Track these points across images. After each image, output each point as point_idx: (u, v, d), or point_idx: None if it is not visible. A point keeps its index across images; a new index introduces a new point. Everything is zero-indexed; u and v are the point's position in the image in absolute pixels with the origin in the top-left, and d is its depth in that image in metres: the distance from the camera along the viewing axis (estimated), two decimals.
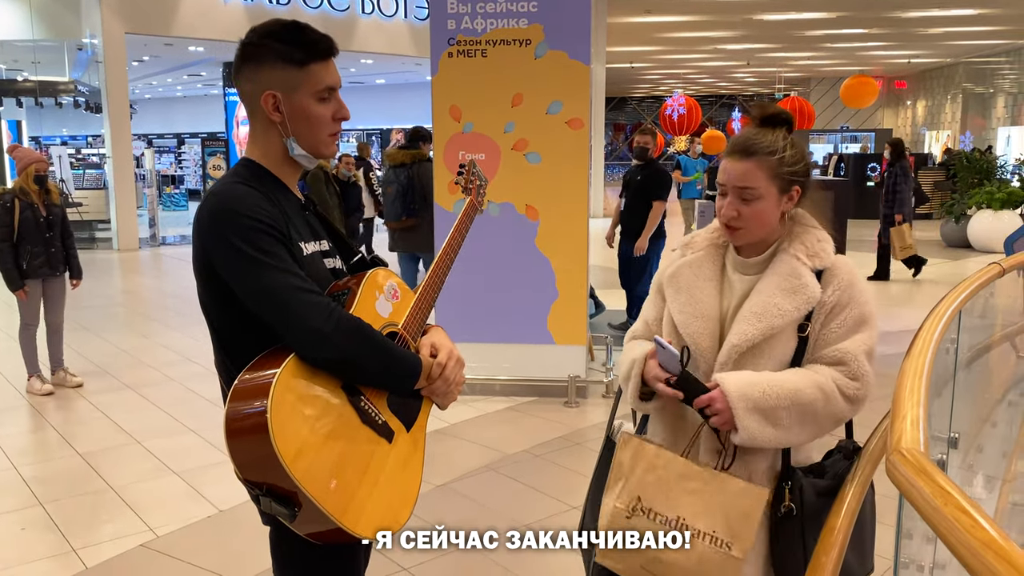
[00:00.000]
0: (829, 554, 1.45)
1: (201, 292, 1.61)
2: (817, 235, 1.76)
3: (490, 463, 4.31)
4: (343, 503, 1.44)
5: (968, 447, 2.71)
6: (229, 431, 1.41)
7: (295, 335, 1.47)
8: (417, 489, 1.63)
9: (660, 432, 1.86)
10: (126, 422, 5.01)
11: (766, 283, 1.72)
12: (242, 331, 1.54)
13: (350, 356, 1.49)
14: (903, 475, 1.00)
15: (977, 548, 0.80)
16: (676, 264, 1.87)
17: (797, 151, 1.73)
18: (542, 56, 5.12)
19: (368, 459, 1.51)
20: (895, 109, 29.70)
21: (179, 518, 3.67)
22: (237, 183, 1.56)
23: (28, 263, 5.44)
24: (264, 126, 1.61)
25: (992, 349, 3.10)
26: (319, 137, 1.61)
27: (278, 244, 1.51)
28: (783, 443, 1.65)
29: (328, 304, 1.50)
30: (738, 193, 1.71)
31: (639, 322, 1.98)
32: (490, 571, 3.21)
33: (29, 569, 3.26)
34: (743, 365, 1.69)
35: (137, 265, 12.50)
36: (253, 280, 1.48)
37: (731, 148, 1.74)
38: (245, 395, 1.42)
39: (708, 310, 1.77)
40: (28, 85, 15.65)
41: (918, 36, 19.81)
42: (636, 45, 20.94)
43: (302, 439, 1.40)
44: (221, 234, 1.49)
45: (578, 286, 5.27)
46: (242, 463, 1.42)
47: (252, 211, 1.50)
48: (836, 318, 1.69)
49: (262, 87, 1.57)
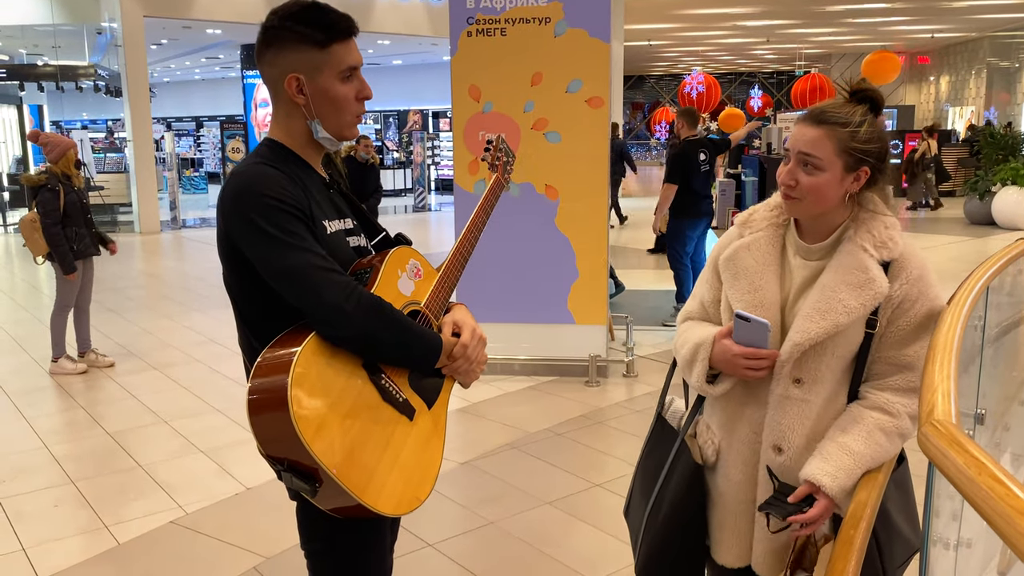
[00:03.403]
0: (857, 527, 1.45)
1: (225, 272, 1.62)
2: (885, 222, 1.66)
3: (512, 441, 4.34)
4: (363, 480, 1.45)
5: (995, 425, 2.69)
6: (251, 407, 1.43)
7: (315, 313, 1.48)
8: (438, 466, 1.64)
9: (717, 416, 1.80)
10: (153, 402, 5.09)
11: (831, 276, 1.63)
12: (265, 310, 1.56)
13: (369, 334, 1.50)
14: (936, 446, 1.00)
15: (1012, 516, 0.81)
16: (734, 246, 1.77)
17: (875, 131, 1.64)
18: (562, 34, 5.09)
19: (389, 436, 1.52)
20: (918, 85, 29.26)
21: (207, 496, 3.74)
22: (260, 163, 1.57)
23: (78, 244, 5.57)
24: (287, 108, 1.61)
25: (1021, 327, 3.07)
26: (343, 118, 1.62)
27: (300, 224, 1.52)
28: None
29: (348, 282, 1.51)
30: (801, 159, 1.62)
31: (693, 302, 1.90)
32: (514, 547, 3.25)
33: (63, 544, 3.33)
34: (805, 361, 1.64)
35: (159, 248, 12.61)
36: (275, 259, 1.49)
37: (805, 114, 1.66)
38: (267, 372, 1.44)
39: (769, 297, 1.70)
40: (49, 70, 15.76)
41: (941, 10, 19.46)
42: (654, 22, 20.72)
43: (322, 416, 1.41)
44: (244, 214, 1.50)
45: (598, 266, 5.27)
46: (264, 439, 1.44)
47: (274, 191, 1.51)
48: (904, 315, 1.63)
49: (285, 70, 1.57)
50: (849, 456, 1.59)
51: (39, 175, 5.57)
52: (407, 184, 19.52)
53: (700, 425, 1.84)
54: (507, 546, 3.26)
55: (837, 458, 1.59)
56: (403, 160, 20.79)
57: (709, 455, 1.78)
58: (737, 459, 1.75)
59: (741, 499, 1.75)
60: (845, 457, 1.59)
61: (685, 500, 1.77)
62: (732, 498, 1.76)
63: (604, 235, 5.27)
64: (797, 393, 1.66)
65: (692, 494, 1.77)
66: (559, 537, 3.33)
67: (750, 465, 1.73)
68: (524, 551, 3.22)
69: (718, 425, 1.79)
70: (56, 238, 5.44)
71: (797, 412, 1.66)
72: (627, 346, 5.64)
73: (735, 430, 1.75)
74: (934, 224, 13.60)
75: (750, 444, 1.73)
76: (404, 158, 20.86)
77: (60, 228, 5.45)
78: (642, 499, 1.86)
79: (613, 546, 3.21)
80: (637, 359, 5.64)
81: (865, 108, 1.65)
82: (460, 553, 3.20)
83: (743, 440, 1.74)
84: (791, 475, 1.67)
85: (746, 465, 1.74)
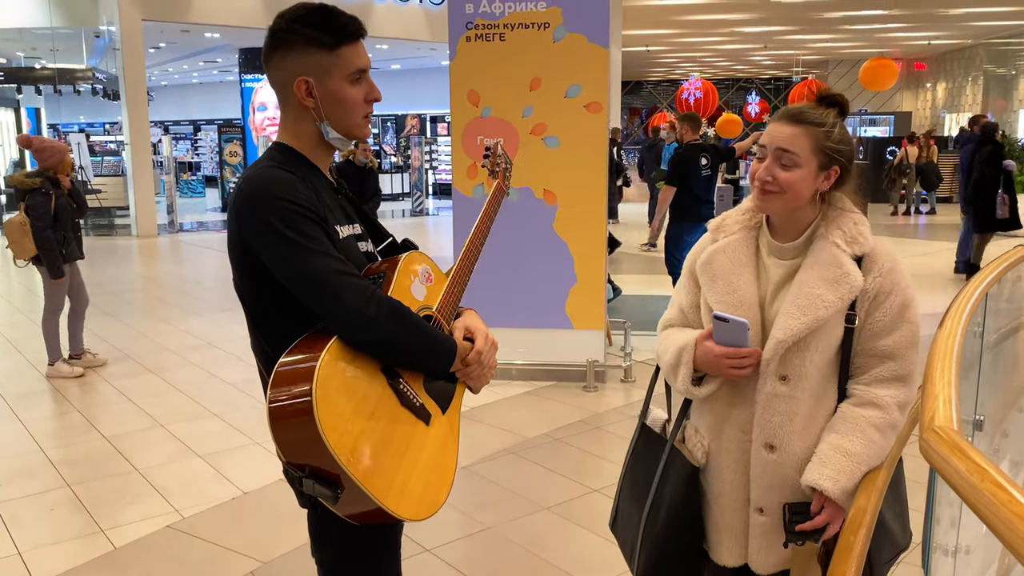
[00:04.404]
0: (857, 533, 1.45)
1: (236, 276, 1.61)
2: (853, 218, 1.73)
3: (510, 446, 4.33)
4: (385, 485, 1.44)
5: (994, 431, 2.70)
6: (273, 415, 1.41)
7: (338, 318, 1.47)
8: (454, 470, 1.64)
9: (704, 419, 1.82)
10: (149, 406, 5.08)
11: (807, 273, 1.69)
12: (279, 315, 1.55)
13: (392, 338, 1.50)
14: (937, 453, 1.00)
15: (1015, 522, 0.81)
16: (709, 250, 1.82)
17: (845, 133, 1.73)
18: (560, 40, 5.09)
19: (408, 441, 1.52)
20: (915, 91, 29.35)
21: (204, 500, 3.72)
22: (273, 167, 1.56)
23: (66, 249, 5.58)
24: (297, 112, 1.60)
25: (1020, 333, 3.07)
26: (353, 120, 1.61)
27: (317, 227, 1.51)
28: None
29: (369, 287, 1.51)
30: (778, 156, 1.68)
31: (672, 309, 1.93)
32: (512, 552, 3.24)
33: (59, 549, 3.31)
34: (790, 358, 1.68)
35: (156, 251, 12.59)
36: (295, 263, 1.47)
37: (780, 113, 1.72)
38: (289, 379, 1.42)
39: (748, 297, 1.74)
40: (46, 73, 15.75)
41: (938, 17, 19.54)
42: (652, 28, 20.77)
43: (346, 421, 1.41)
44: (261, 218, 1.49)
45: (596, 271, 5.27)
46: (286, 445, 1.43)
47: (290, 194, 1.50)
48: (880, 306, 1.68)
49: (294, 73, 1.56)
50: (847, 458, 1.64)
51: (32, 178, 5.57)
52: (405, 189, 19.53)
53: (688, 430, 1.86)
54: (505, 551, 3.25)
55: (836, 461, 1.64)
56: (401, 164, 20.80)
57: (699, 458, 1.81)
58: (728, 459, 1.78)
59: (736, 498, 1.78)
60: (843, 459, 1.64)
61: (683, 504, 1.80)
62: (728, 498, 1.79)
63: (602, 240, 5.28)
64: (784, 390, 1.70)
65: (690, 497, 1.80)
66: (557, 542, 3.32)
67: (741, 464, 1.77)
68: (522, 556, 3.21)
69: (706, 428, 1.82)
70: (47, 242, 5.43)
71: (785, 409, 1.70)
72: (625, 351, 5.64)
73: (724, 431, 1.78)
74: (932, 230, 13.63)
75: (740, 444, 1.76)
76: (402, 162, 20.87)
77: (51, 232, 5.44)
78: (634, 508, 1.88)
79: (611, 551, 3.20)
80: (635, 364, 5.64)
81: (835, 111, 1.73)
82: (458, 558, 3.19)
83: (733, 440, 1.77)
84: (783, 472, 1.71)
85: (737, 464, 1.77)
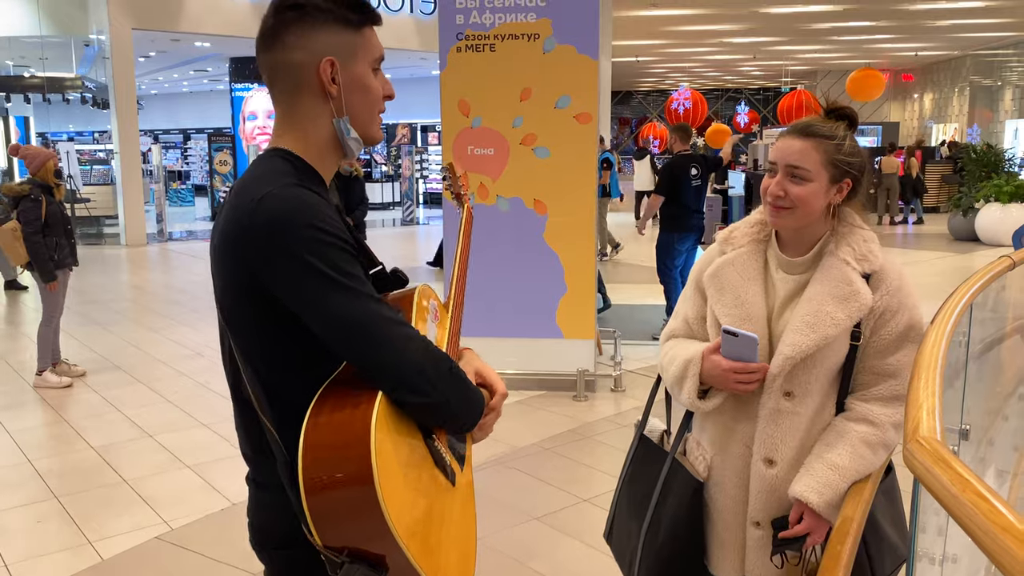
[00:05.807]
0: (844, 542, 1.46)
1: (232, 318, 1.29)
2: (863, 235, 1.71)
3: (500, 456, 4.33)
4: (435, 562, 1.23)
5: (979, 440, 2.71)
6: (314, 486, 1.13)
7: (390, 374, 1.21)
8: (475, 533, 1.47)
9: (708, 432, 1.82)
10: (138, 416, 5.05)
11: (816, 290, 1.67)
12: (284, 361, 1.28)
13: (448, 400, 1.26)
14: (921, 463, 1.01)
15: (996, 533, 0.82)
16: (717, 262, 1.80)
17: (856, 146, 1.70)
18: (550, 51, 5.12)
19: (444, 508, 1.31)
20: (902, 102, 29.58)
21: (193, 511, 3.71)
22: (294, 185, 1.24)
23: (58, 255, 5.57)
24: (310, 105, 1.31)
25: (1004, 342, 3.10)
26: (373, 115, 1.36)
27: (356, 263, 1.24)
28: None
29: (424, 339, 1.26)
30: (789, 172, 1.66)
31: (677, 320, 1.92)
32: (501, 563, 3.23)
33: (46, 561, 3.29)
34: (796, 375, 1.67)
35: (145, 260, 12.54)
36: (336, 307, 1.19)
37: (790, 128, 1.71)
38: (333, 443, 1.14)
39: (755, 311, 1.73)
40: (35, 81, 15.71)
41: (925, 28, 19.71)
42: (641, 39, 20.87)
43: (401, 493, 1.17)
44: (288, 249, 1.19)
45: (587, 280, 5.29)
46: (329, 523, 1.14)
47: (325, 223, 1.21)
48: (886, 325, 1.67)
49: (319, 54, 1.28)
50: (834, 471, 1.64)
51: (21, 185, 5.59)
52: (396, 198, 19.53)
53: (690, 443, 1.86)
54: (494, 561, 3.25)
55: (822, 474, 1.65)
56: (391, 174, 20.81)
57: (701, 472, 1.81)
58: (732, 475, 1.77)
59: (738, 512, 1.78)
60: (830, 472, 1.64)
61: (685, 518, 1.79)
62: (730, 513, 1.79)
63: (592, 250, 5.30)
64: (788, 406, 1.69)
65: (693, 512, 1.80)
66: (546, 552, 3.32)
67: (744, 479, 1.76)
68: (511, 567, 3.21)
69: (709, 441, 1.81)
70: (37, 247, 5.43)
71: (788, 425, 1.70)
72: (615, 360, 5.65)
73: (727, 446, 1.78)
74: (919, 240, 13.73)
75: (743, 458, 1.76)
76: (392, 172, 20.88)
77: (41, 237, 5.44)
78: (633, 520, 1.87)
79: (601, 561, 3.21)
80: (625, 373, 5.65)
81: (845, 124, 1.71)
82: None
83: (736, 455, 1.76)
84: (782, 487, 1.71)
85: (740, 479, 1.76)
